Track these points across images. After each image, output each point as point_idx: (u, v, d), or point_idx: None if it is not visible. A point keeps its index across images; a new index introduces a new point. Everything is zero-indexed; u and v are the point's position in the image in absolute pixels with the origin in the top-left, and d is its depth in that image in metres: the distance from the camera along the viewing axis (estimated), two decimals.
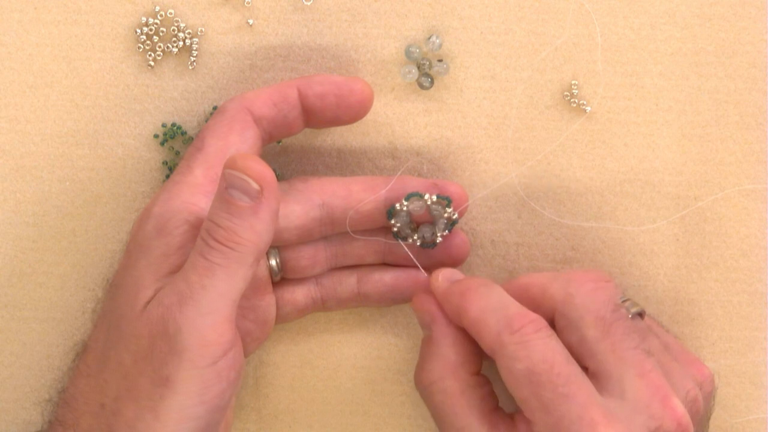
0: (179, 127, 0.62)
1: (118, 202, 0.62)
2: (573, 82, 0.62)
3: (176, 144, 0.62)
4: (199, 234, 0.53)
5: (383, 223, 0.60)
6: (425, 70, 0.61)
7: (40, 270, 0.63)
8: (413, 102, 0.62)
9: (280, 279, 0.60)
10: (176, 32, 0.62)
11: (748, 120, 0.62)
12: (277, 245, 0.59)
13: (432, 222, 0.59)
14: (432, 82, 0.62)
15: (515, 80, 0.62)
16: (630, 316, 0.55)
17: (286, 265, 0.60)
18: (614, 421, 0.52)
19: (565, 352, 0.54)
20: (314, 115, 0.58)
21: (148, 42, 0.62)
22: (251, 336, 0.59)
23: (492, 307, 0.55)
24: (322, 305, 0.61)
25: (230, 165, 0.52)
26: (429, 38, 0.61)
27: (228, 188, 0.52)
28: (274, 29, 0.62)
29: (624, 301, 0.56)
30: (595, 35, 0.62)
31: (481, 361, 0.58)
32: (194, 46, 0.62)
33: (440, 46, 0.61)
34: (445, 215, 0.59)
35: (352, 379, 0.64)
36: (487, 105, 0.62)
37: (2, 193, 0.62)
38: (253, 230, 0.53)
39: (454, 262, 0.60)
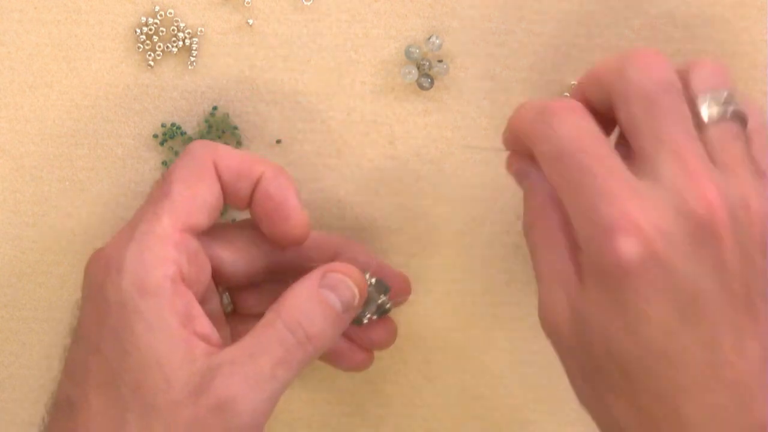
0: (179, 127, 0.62)
1: (117, 202, 0.63)
2: (572, 83, 0.62)
3: (176, 144, 0.62)
4: (282, 321, 0.53)
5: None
6: (425, 71, 0.61)
7: (39, 270, 0.63)
8: (413, 102, 0.62)
9: (233, 312, 0.61)
10: (176, 32, 0.62)
11: None
12: (227, 285, 0.60)
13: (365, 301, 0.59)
14: (432, 83, 0.62)
15: (515, 81, 0.62)
16: (715, 113, 0.52)
17: (236, 303, 0.61)
18: (638, 197, 0.49)
19: (597, 131, 0.51)
20: (253, 205, 0.57)
21: (148, 42, 0.62)
22: None
23: (531, 105, 0.53)
24: None
25: (335, 269, 0.54)
26: (429, 39, 0.61)
27: (324, 288, 0.54)
28: (273, 29, 0.62)
29: (721, 97, 0.52)
30: (595, 35, 0.62)
31: None
32: (194, 46, 0.62)
33: (440, 46, 0.61)
34: (379, 301, 0.59)
35: (351, 379, 0.64)
36: (487, 105, 0.62)
37: (2, 193, 0.62)
38: (334, 336, 0.54)
39: (376, 346, 0.60)
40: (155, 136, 0.62)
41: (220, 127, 0.62)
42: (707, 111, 0.52)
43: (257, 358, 0.52)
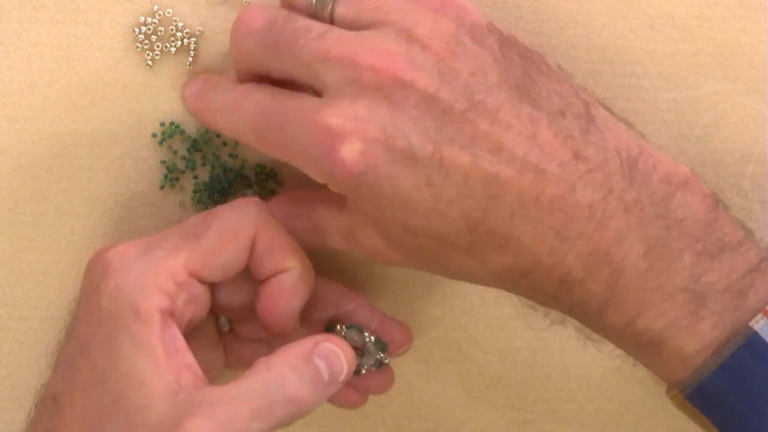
0: (177, 126, 0.62)
1: (116, 201, 0.62)
2: None
3: (174, 143, 0.62)
4: (272, 375, 0.52)
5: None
6: None
7: (38, 269, 0.63)
8: None
9: (230, 332, 0.61)
10: (174, 32, 0.61)
11: (747, 121, 0.62)
12: (224, 311, 0.60)
13: (363, 352, 0.59)
14: None
15: None
16: None
17: (232, 325, 0.61)
18: (321, 112, 0.51)
19: (270, 91, 0.54)
20: (260, 290, 0.57)
21: (147, 41, 0.61)
22: None
23: (215, 104, 0.57)
24: None
25: (329, 340, 0.54)
26: None
27: (317, 357, 0.53)
28: None
29: None
30: (594, 35, 0.62)
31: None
32: (192, 46, 0.62)
33: None
34: (377, 357, 0.58)
35: None
36: None
37: (1, 192, 0.62)
38: (315, 404, 0.53)
39: (373, 392, 0.60)
40: (154, 135, 0.62)
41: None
42: (319, 1, 0.54)
43: (237, 405, 0.51)
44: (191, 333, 0.56)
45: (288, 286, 0.56)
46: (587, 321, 0.54)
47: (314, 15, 0.54)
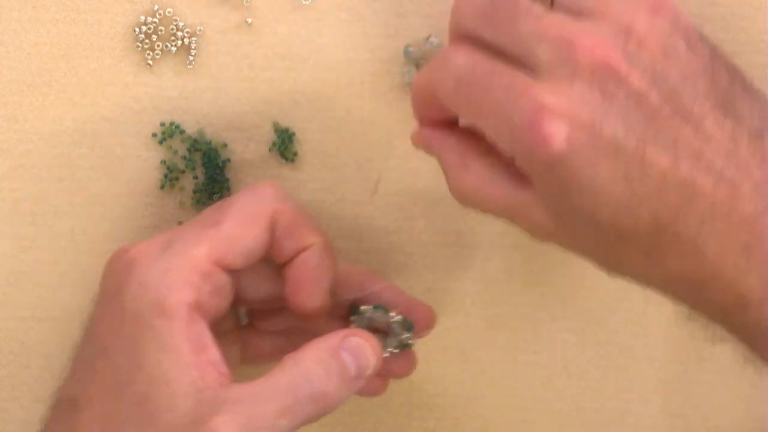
0: (177, 126, 0.62)
1: (116, 201, 0.62)
2: None
3: (174, 143, 0.62)
4: (300, 370, 0.52)
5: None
6: None
7: (38, 269, 0.63)
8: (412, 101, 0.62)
9: (248, 325, 0.61)
10: (175, 31, 0.61)
11: None
12: (244, 304, 0.59)
13: (387, 333, 0.59)
14: None
15: None
16: None
17: (251, 318, 0.61)
18: (538, 87, 0.51)
19: (484, 55, 0.53)
20: (285, 270, 0.57)
21: (147, 41, 0.61)
22: None
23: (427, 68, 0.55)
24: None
25: (357, 334, 0.54)
26: (427, 38, 0.61)
27: (344, 351, 0.53)
28: (272, 28, 0.62)
29: None
30: None
31: None
32: (193, 45, 0.62)
33: (439, 45, 0.61)
34: (402, 337, 0.59)
35: None
36: None
37: (1, 192, 0.62)
38: (342, 399, 0.53)
39: (395, 375, 0.60)
40: (154, 135, 0.62)
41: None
42: None
43: (264, 402, 0.51)
44: (211, 328, 0.55)
45: (313, 262, 0.56)
46: (758, 345, 0.53)
47: None
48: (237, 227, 0.55)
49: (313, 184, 0.63)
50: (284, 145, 0.62)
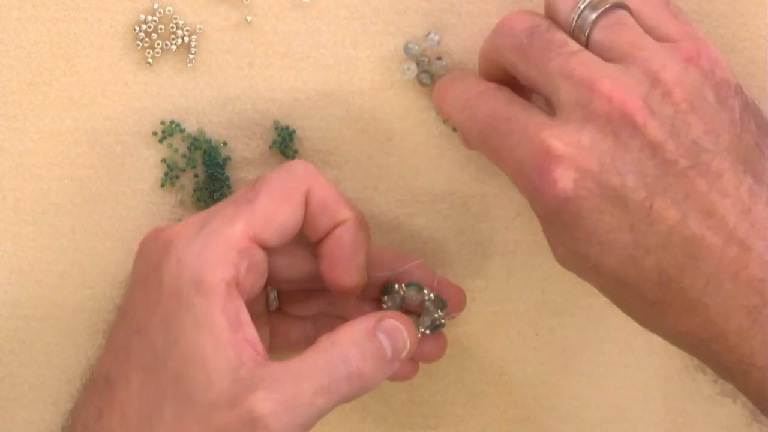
0: (178, 125, 0.62)
1: (117, 199, 0.63)
2: None
3: (175, 141, 0.62)
4: (337, 350, 0.53)
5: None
6: (424, 67, 0.61)
7: (39, 268, 0.63)
8: (412, 99, 0.62)
9: (277, 309, 0.61)
10: (175, 30, 0.62)
11: None
12: (277, 287, 0.60)
13: (419, 314, 0.59)
14: (431, 79, 0.62)
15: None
16: (595, 13, 0.53)
17: (282, 301, 0.61)
18: (551, 126, 0.51)
19: (507, 98, 0.54)
20: (320, 246, 0.57)
21: (147, 39, 0.62)
22: None
23: (455, 96, 0.57)
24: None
25: (393, 316, 0.55)
26: (427, 35, 0.61)
27: (380, 333, 0.54)
28: (272, 26, 0.62)
29: (589, 3, 0.54)
30: None
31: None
32: (193, 44, 0.62)
33: (439, 42, 0.61)
34: (435, 315, 0.59)
35: None
36: None
37: (1, 191, 0.62)
38: (378, 380, 0.54)
39: (426, 358, 0.60)
40: (154, 133, 0.62)
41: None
42: (579, 20, 0.53)
43: (301, 381, 0.51)
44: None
45: (348, 238, 0.56)
46: (763, 407, 0.52)
47: (571, 33, 0.54)
48: (272, 204, 0.55)
49: None
50: (285, 143, 0.62)
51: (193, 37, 0.62)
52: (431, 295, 0.59)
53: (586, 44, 0.53)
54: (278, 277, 0.58)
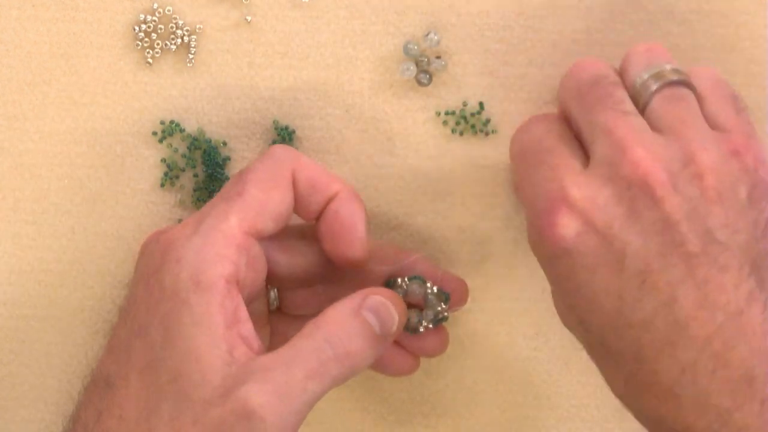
0: (178, 125, 0.62)
1: (116, 199, 0.62)
2: None
3: (174, 141, 0.62)
4: (321, 333, 0.53)
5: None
6: (423, 67, 0.61)
7: (38, 268, 0.63)
8: (411, 98, 0.62)
9: (277, 310, 0.61)
10: (174, 29, 0.62)
11: None
12: (277, 285, 0.60)
13: (422, 308, 0.59)
14: (430, 79, 0.62)
15: (513, 77, 0.62)
16: (658, 83, 0.53)
17: (282, 301, 0.61)
18: (574, 175, 0.51)
19: (560, 131, 0.54)
20: (321, 221, 0.57)
21: (147, 39, 0.62)
22: None
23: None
24: None
25: (378, 293, 0.55)
26: (427, 35, 0.61)
27: (366, 310, 0.54)
28: (272, 26, 0.62)
29: (661, 71, 0.54)
30: (594, 31, 0.62)
31: None
32: (192, 44, 0.62)
33: (438, 42, 0.61)
34: (438, 309, 0.59)
35: None
36: (486, 102, 0.62)
37: (1, 191, 0.62)
38: (369, 358, 0.54)
39: (428, 353, 0.60)
40: (154, 133, 0.62)
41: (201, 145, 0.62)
42: (642, 85, 0.53)
43: (291, 367, 0.52)
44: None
45: (343, 210, 0.56)
46: None
47: (633, 95, 0.54)
48: (260, 193, 0.55)
49: None
50: (284, 142, 0.62)
51: (192, 36, 0.62)
52: (434, 288, 0.59)
53: (643, 109, 0.53)
54: (278, 274, 0.58)
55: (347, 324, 0.53)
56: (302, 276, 0.59)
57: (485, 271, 0.63)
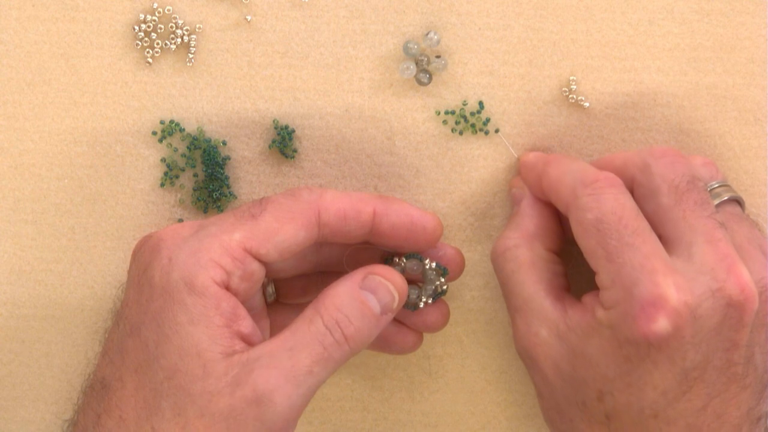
0: (177, 124, 0.62)
1: (116, 199, 0.62)
2: (571, 77, 0.62)
3: (174, 141, 0.62)
4: (322, 318, 0.53)
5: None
6: (423, 66, 0.61)
7: (39, 268, 0.63)
8: (411, 98, 0.62)
9: (275, 301, 0.61)
10: (174, 29, 0.61)
11: (747, 116, 0.62)
12: (274, 277, 0.60)
13: (421, 285, 0.59)
14: (430, 78, 0.62)
15: (513, 76, 0.62)
16: (718, 200, 0.57)
17: (279, 290, 0.61)
18: (675, 273, 0.52)
19: (636, 209, 0.55)
20: (379, 237, 0.58)
21: (146, 39, 0.62)
22: None
23: (570, 169, 0.57)
24: None
25: (376, 272, 0.55)
26: (427, 34, 0.61)
27: (365, 290, 0.54)
28: (272, 25, 0.62)
29: (719, 186, 0.57)
30: (594, 31, 0.62)
31: (559, 241, 0.59)
32: (192, 43, 0.62)
33: (438, 42, 0.61)
34: (437, 283, 0.59)
35: (351, 375, 0.64)
36: (485, 101, 0.62)
37: (1, 191, 0.62)
38: (370, 337, 0.54)
39: (429, 328, 0.60)
40: (154, 133, 0.62)
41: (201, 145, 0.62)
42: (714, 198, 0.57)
43: (296, 353, 0.52)
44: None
45: (392, 216, 0.57)
46: None
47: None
48: (275, 222, 0.55)
49: (313, 181, 0.63)
50: (284, 142, 0.62)
51: (192, 36, 0.62)
52: (432, 263, 0.59)
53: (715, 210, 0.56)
54: (277, 271, 0.59)
55: (347, 307, 0.54)
56: (299, 269, 0.59)
57: (485, 270, 0.63)
